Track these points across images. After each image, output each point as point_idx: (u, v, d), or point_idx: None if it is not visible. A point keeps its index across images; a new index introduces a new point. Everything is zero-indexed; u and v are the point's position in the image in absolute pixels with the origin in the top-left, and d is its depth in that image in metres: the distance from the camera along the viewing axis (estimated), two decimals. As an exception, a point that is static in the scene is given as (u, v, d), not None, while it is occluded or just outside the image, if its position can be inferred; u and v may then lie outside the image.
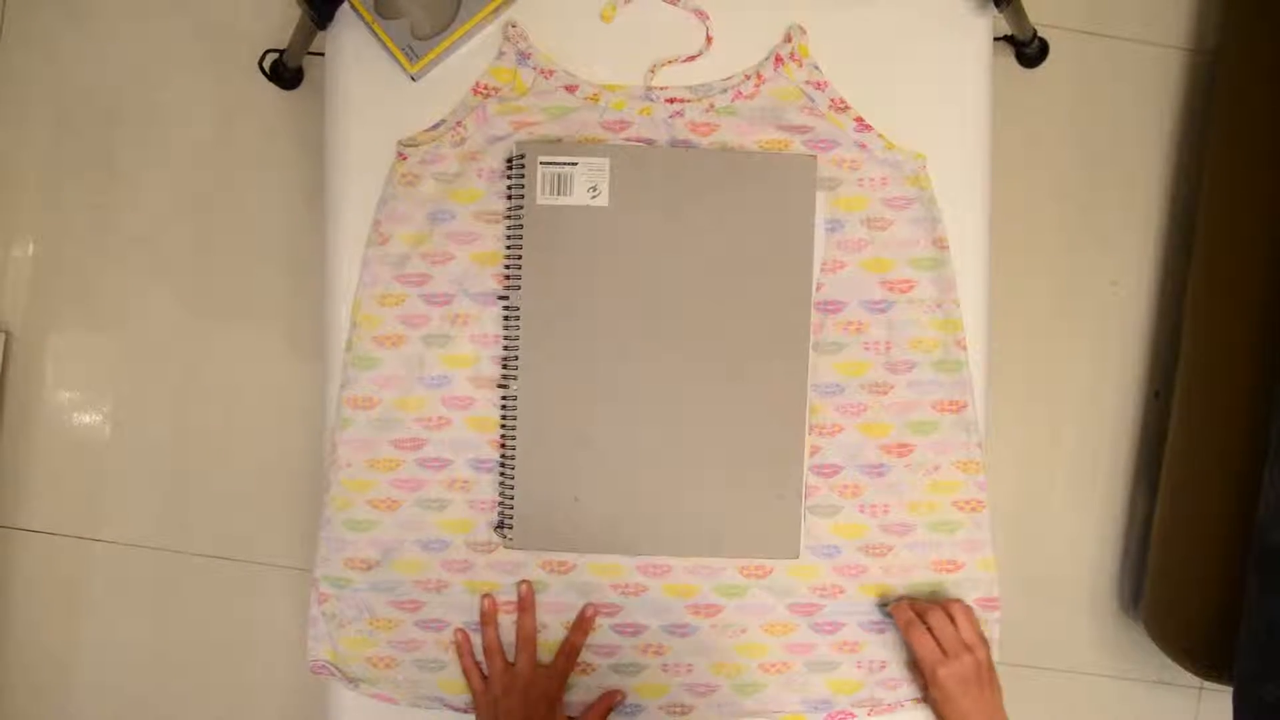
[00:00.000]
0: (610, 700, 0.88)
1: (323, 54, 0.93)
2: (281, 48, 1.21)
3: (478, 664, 0.89)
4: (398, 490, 0.90)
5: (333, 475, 0.90)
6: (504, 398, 0.90)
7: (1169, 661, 1.18)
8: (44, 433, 1.31)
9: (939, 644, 0.85)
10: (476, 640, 0.89)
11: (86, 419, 1.31)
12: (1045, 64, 1.30)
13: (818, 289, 0.90)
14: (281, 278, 1.30)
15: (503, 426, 0.90)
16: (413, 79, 0.91)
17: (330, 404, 0.91)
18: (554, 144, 0.89)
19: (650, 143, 0.90)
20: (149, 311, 1.30)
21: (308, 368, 1.29)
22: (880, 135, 0.90)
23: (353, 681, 0.90)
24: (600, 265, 0.89)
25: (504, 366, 0.90)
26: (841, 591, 0.90)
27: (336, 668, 0.90)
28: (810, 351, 0.89)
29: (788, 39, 0.91)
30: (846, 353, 0.90)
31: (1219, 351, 1.15)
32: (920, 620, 0.86)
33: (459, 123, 0.90)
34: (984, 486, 0.90)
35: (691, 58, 0.91)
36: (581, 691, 0.90)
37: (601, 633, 0.90)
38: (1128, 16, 1.32)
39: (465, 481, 0.90)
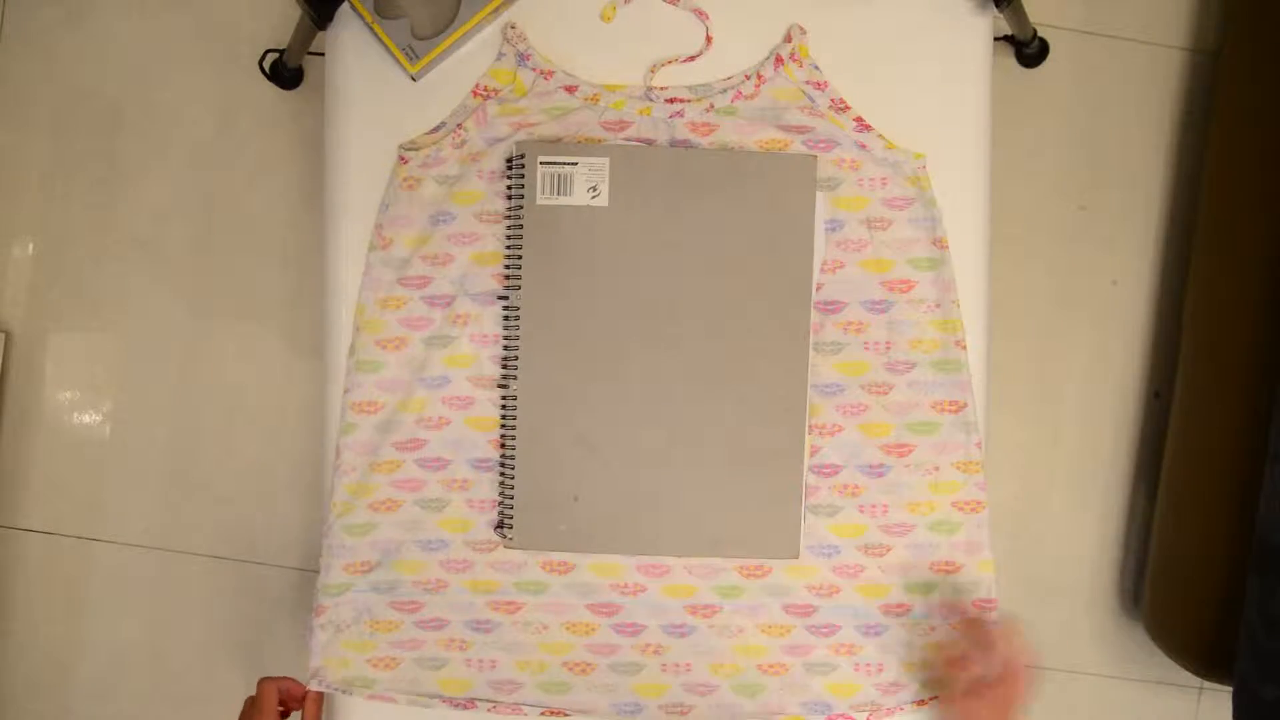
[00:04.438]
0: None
1: (323, 54, 0.93)
2: (281, 48, 1.21)
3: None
4: (398, 491, 0.90)
5: (337, 481, 0.90)
6: (504, 397, 0.90)
7: (1169, 661, 1.18)
8: (44, 433, 1.31)
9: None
10: (473, 638, 0.90)
11: (86, 419, 1.31)
12: (1045, 64, 1.30)
13: (818, 289, 0.90)
14: (281, 278, 1.30)
15: (503, 426, 0.90)
16: (413, 79, 0.91)
17: (333, 408, 0.91)
18: (554, 144, 0.89)
19: (650, 143, 0.90)
20: (149, 311, 1.30)
21: (308, 368, 1.29)
22: (880, 135, 0.90)
23: (349, 690, 0.89)
24: (600, 265, 0.89)
25: (504, 366, 0.90)
26: (837, 591, 0.90)
27: (333, 675, 0.90)
28: (810, 351, 0.89)
29: (788, 39, 0.91)
30: (846, 353, 0.90)
31: (1219, 351, 1.15)
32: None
33: (459, 125, 0.90)
34: (983, 487, 0.90)
35: (691, 58, 0.91)
36: (582, 691, 0.90)
37: (601, 632, 0.90)
38: (1128, 16, 1.32)
39: (465, 481, 0.90)
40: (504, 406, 0.90)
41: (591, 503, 0.89)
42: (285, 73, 1.26)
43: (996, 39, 1.04)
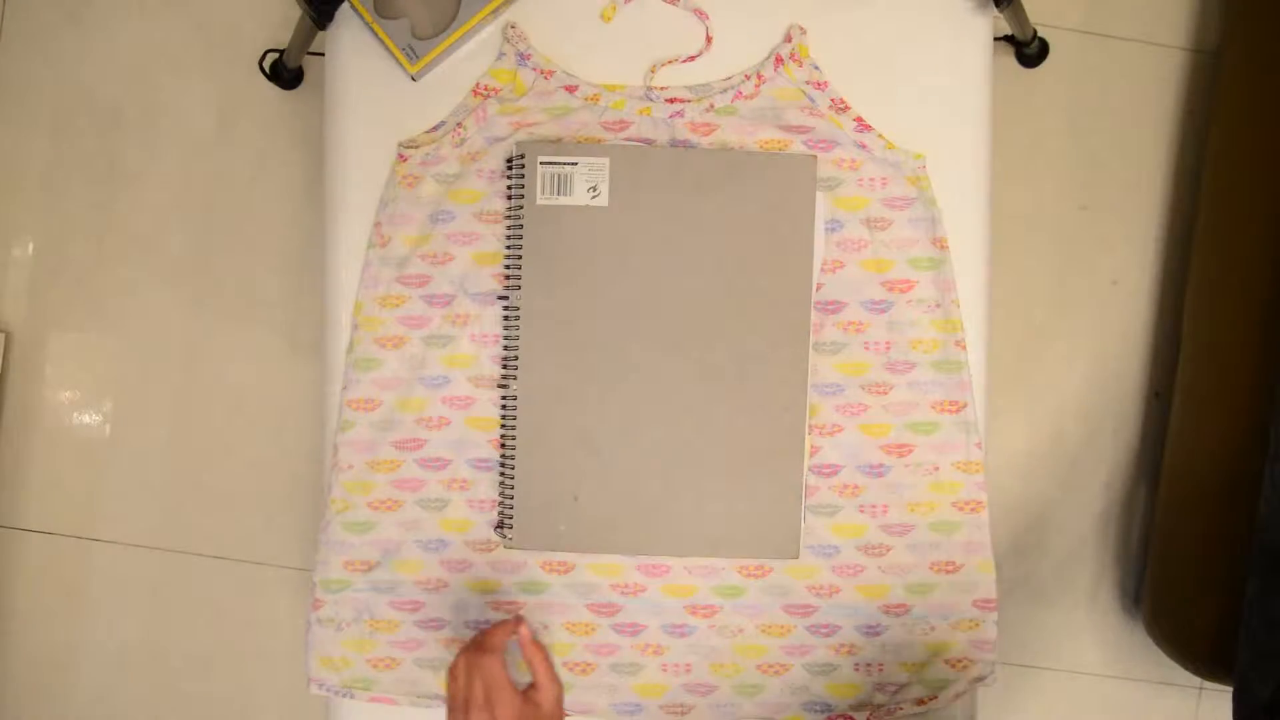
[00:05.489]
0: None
1: (323, 54, 0.93)
2: (281, 48, 1.21)
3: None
4: (398, 491, 0.90)
5: (334, 478, 0.90)
6: (504, 397, 0.90)
7: (1169, 661, 1.18)
8: (44, 433, 1.31)
9: None
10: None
11: (86, 419, 1.31)
12: (1045, 64, 1.30)
13: (818, 289, 0.90)
14: (281, 278, 1.30)
15: (503, 426, 0.90)
16: (413, 79, 0.91)
17: (331, 406, 0.91)
18: (554, 144, 0.89)
19: (650, 143, 0.90)
20: (149, 311, 1.30)
21: (308, 368, 1.29)
22: (880, 135, 0.90)
23: (349, 692, 0.89)
24: (600, 265, 0.89)
25: (504, 366, 0.90)
26: (837, 591, 0.90)
27: (333, 675, 0.90)
28: (810, 351, 0.89)
29: (788, 39, 0.91)
30: (846, 353, 0.90)
31: (1219, 351, 1.14)
32: None
33: (459, 124, 0.90)
34: (983, 487, 0.90)
35: (691, 58, 0.91)
36: (581, 691, 0.90)
37: (601, 632, 0.90)
38: (1128, 16, 1.32)
39: (465, 481, 0.90)
40: (504, 406, 0.90)
41: (591, 503, 0.89)
42: (285, 73, 1.26)
43: (996, 39, 1.04)
